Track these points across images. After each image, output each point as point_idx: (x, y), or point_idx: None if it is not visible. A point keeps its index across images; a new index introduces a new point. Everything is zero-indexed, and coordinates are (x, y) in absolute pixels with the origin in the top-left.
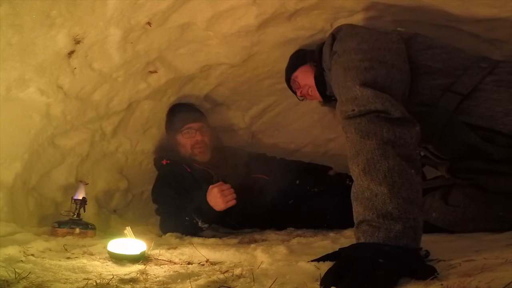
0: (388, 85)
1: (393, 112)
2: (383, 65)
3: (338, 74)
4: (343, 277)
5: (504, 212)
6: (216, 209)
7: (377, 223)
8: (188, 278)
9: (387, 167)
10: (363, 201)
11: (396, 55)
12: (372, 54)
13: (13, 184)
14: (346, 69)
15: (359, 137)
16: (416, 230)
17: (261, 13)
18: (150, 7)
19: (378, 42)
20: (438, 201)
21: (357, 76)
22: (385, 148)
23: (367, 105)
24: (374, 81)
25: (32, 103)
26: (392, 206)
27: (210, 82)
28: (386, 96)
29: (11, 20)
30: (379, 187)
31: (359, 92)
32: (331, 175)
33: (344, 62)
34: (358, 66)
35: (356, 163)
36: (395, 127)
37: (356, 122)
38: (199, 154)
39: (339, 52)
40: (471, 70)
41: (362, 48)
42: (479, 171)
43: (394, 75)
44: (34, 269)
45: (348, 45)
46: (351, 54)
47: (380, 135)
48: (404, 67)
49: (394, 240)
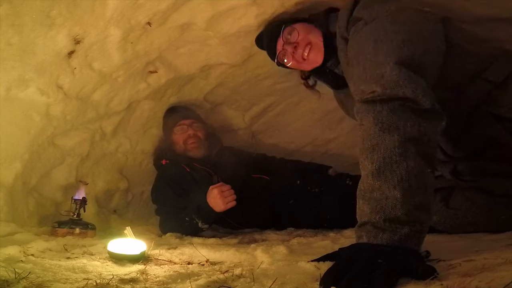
0: (425, 65)
1: (423, 102)
2: (423, 40)
3: (364, 45)
4: (343, 277)
5: (506, 216)
6: (216, 210)
7: (382, 226)
8: (188, 278)
9: (406, 169)
10: (371, 201)
11: (435, 33)
12: (411, 26)
13: (13, 184)
14: (378, 40)
15: (378, 129)
16: (421, 233)
17: (261, 13)
18: (150, 7)
19: (415, 15)
20: (439, 204)
21: (392, 51)
22: (406, 147)
23: (395, 88)
24: (411, 58)
25: (32, 103)
26: (402, 212)
27: (210, 82)
28: (420, 81)
29: (11, 20)
30: (393, 191)
31: (390, 70)
32: (332, 175)
33: (374, 31)
34: (394, 38)
35: (370, 159)
36: (421, 121)
37: (376, 109)
38: (192, 150)
39: (367, 18)
40: (502, 58)
41: (397, 18)
42: (485, 173)
43: (432, 53)
44: (34, 269)
45: (379, 12)
46: (383, 23)
47: (404, 130)
48: (441, 47)
49: (398, 243)
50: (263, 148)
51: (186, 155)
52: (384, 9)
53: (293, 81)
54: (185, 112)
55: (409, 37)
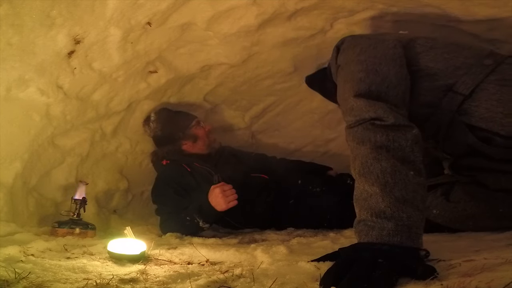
0: (384, 91)
1: (386, 118)
2: (378, 72)
3: (339, 87)
4: (343, 277)
5: (503, 209)
6: (218, 209)
7: (371, 222)
8: (188, 278)
9: (380, 169)
10: (360, 202)
11: (392, 61)
12: (368, 63)
13: (13, 184)
14: (345, 82)
15: (355, 144)
16: (411, 229)
17: (261, 13)
18: (150, 7)
19: (375, 50)
20: (440, 198)
21: (352, 88)
22: (378, 152)
23: (362, 114)
24: (368, 90)
25: (32, 103)
26: (385, 205)
27: (210, 82)
28: (379, 104)
29: (11, 20)
30: (372, 187)
31: (354, 103)
32: (333, 175)
33: (344, 75)
34: (355, 77)
35: (353, 167)
36: (390, 131)
37: (354, 130)
38: (214, 142)
39: (342, 64)
40: (474, 69)
41: (360, 59)
42: (481, 169)
43: (391, 80)
44: (34, 269)
45: (349, 57)
46: (350, 66)
47: (374, 140)
48: (401, 72)
49: (387, 238)
50: (263, 148)
51: (191, 153)
52: (352, 52)
53: (293, 81)
54: (188, 112)
55: (365, 74)
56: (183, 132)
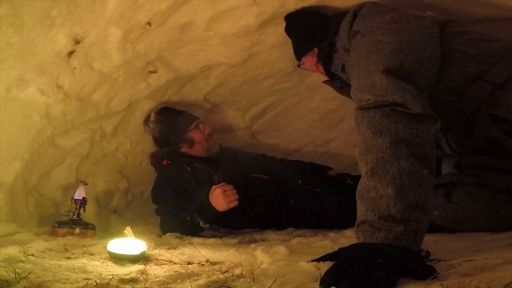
0: (415, 72)
1: (413, 106)
2: (413, 48)
3: (360, 56)
4: (343, 277)
5: (505, 212)
6: (219, 209)
7: (378, 224)
8: (188, 278)
9: (397, 168)
10: (367, 201)
11: (429, 40)
12: (402, 35)
13: (13, 184)
14: (370, 52)
15: (371, 133)
16: (417, 233)
17: (261, 13)
18: (150, 7)
19: (409, 23)
20: (441, 199)
21: (381, 61)
22: (398, 147)
23: (385, 95)
24: (400, 67)
25: (32, 103)
26: (396, 210)
27: (210, 82)
28: (409, 87)
29: (11, 20)
30: (386, 189)
31: (379, 79)
32: (333, 175)
33: (368, 43)
34: (384, 48)
35: (365, 161)
36: (413, 123)
37: (370, 114)
38: (214, 146)
39: (363, 31)
40: (506, 59)
41: (391, 28)
42: (488, 168)
43: (424, 61)
44: (34, 269)
45: (374, 24)
46: (376, 35)
47: (395, 132)
48: (436, 54)
49: (393, 241)
50: (263, 148)
51: (191, 154)
52: (378, 20)
53: (293, 81)
54: (189, 112)
55: (398, 47)
56: (180, 137)
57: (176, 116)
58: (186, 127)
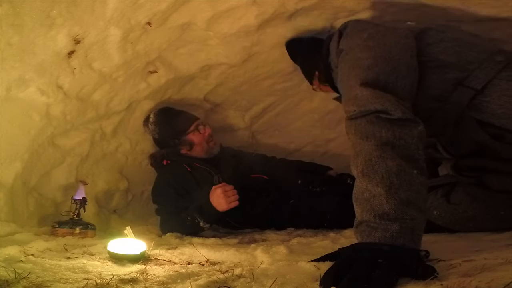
0: (392, 82)
1: (393, 112)
2: (388, 61)
3: (343, 72)
4: (343, 277)
5: (504, 212)
6: (219, 209)
7: (374, 223)
8: (188, 278)
9: (385, 168)
10: (362, 202)
11: (404, 50)
12: (377, 50)
13: (13, 184)
14: (351, 68)
15: (358, 138)
16: (413, 231)
17: (261, 13)
18: (150, 7)
19: (385, 37)
20: (440, 199)
21: (359, 75)
22: (383, 149)
23: (367, 105)
24: (376, 79)
25: (32, 103)
26: (389, 207)
27: (210, 82)
28: (387, 95)
29: (11, 20)
30: (376, 188)
31: (359, 91)
32: (333, 175)
33: (349, 60)
34: (362, 64)
35: (355, 165)
36: (396, 127)
37: (357, 123)
38: (214, 146)
39: (346, 49)
40: (486, 64)
41: (368, 44)
42: (485, 169)
43: (400, 70)
44: (34, 269)
45: (354, 42)
46: (356, 52)
47: (379, 135)
48: (412, 63)
49: (390, 240)
50: (263, 148)
51: (190, 155)
52: (358, 37)
53: (293, 81)
54: (189, 112)
55: (374, 61)
56: (179, 139)
57: (175, 117)
58: (185, 129)
